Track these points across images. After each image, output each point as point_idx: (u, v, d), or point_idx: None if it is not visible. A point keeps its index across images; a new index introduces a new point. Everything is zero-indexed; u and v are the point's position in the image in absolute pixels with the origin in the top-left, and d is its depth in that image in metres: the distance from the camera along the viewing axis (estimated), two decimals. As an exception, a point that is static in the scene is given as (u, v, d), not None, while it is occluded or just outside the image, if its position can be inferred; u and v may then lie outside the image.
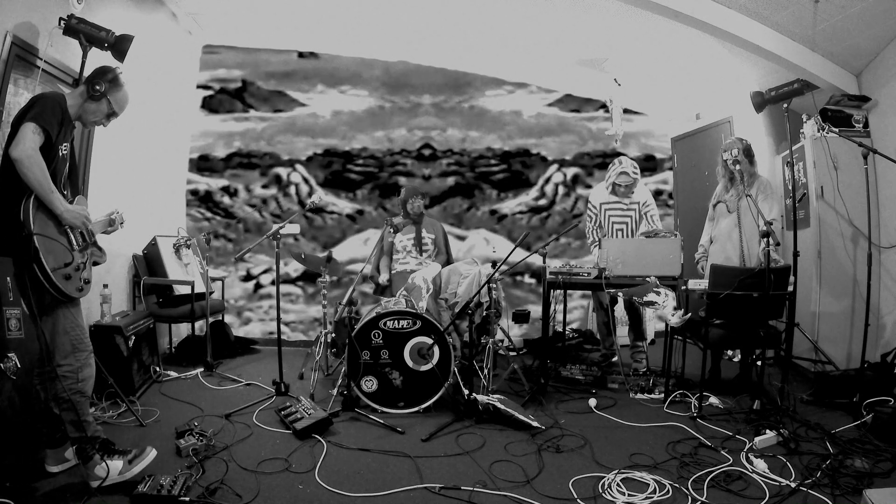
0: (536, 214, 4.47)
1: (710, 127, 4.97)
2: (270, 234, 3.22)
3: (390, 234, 3.96)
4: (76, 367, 2.05)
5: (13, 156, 1.86)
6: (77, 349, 2.07)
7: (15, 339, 2.31)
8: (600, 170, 4.40)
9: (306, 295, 4.76)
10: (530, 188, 4.44)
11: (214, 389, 3.41)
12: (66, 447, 2.17)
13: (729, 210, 3.45)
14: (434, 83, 4.80)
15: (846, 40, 3.52)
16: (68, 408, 2.01)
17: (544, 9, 3.94)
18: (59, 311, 2.02)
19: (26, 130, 1.90)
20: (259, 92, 4.26)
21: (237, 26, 4.66)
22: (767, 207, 3.27)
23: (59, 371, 2.00)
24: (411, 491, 2.08)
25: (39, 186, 1.91)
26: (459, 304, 3.37)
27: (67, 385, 2.01)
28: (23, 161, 1.86)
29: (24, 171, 1.87)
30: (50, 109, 1.99)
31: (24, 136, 1.89)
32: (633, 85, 4.91)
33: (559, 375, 3.62)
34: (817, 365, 3.55)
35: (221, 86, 4.21)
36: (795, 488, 2.04)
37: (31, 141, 1.89)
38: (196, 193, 4.18)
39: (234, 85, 4.20)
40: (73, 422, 2.02)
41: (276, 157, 4.29)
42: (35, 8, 2.73)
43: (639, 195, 3.90)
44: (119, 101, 2.24)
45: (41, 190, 1.91)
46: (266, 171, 4.28)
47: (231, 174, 4.24)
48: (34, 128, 1.91)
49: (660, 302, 3.09)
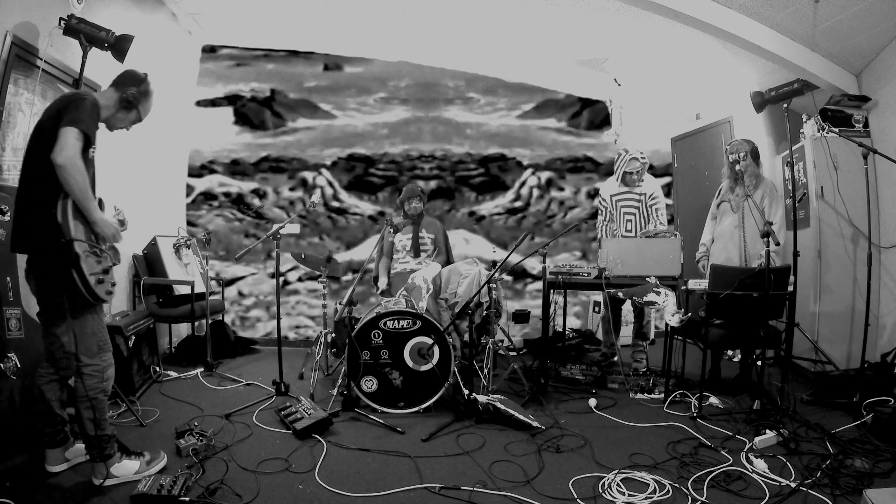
0: (513, 216, 4.70)
1: (710, 127, 4.97)
2: (270, 234, 3.21)
3: (390, 234, 3.96)
4: (102, 367, 2.07)
5: (58, 161, 1.84)
6: (102, 350, 2.08)
7: (15, 339, 2.31)
8: (571, 173, 4.65)
9: (331, 291, 4.86)
10: (507, 191, 4.68)
11: (214, 389, 3.41)
12: (66, 447, 2.17)
13: (733, 210, 3.46)
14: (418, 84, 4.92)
15: (846, 40, 3.52)
16: (90, 407, 2.01)
17: (544, 9, 3.94)
18: (88, 314, 2.04)
19: (69, 136, 1.87)
20: (287, 101, 4.51)
21: (237, 26, 4.66)
22: (772, 211, 3.28)
23: (85, 371, 2.01)
24: (411, 491, 2.08)
25: (81, 193, 1.90)
26: (459, 304, 3.37)
27: (93, 384, 2.02)
28: (67, 168, 1.84)
29: (66, 178, 1.85)
30: (90, 114, 1.97)
31: (67, 141, 1.86)
32: (633, 85, 4.92)
33: (559, 375, 3.62)
34: (817, 365, 3.55)
35: (252, 94, 4.44)
36: (795, 488, 2.04)
37: (75, 147, 1.87)
38: (228, 195, 4.41)
39: (262, 94, 4.47)
40: (92, 420, 2.02)
41: (303, 162, 4.53)
42: (35, 8, 2.73)
43: (647, 186, 3.87)
44: (146, 110, 2.27)
45: (82, 197, 1.90)
46: (293, 175, 4.52)
47: (261, 177, 4.49)
48: (77, 133, 1.89)
49: (660, 302, 3.09)
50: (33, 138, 2.00)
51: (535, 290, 5.00)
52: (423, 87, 4.82)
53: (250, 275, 4.75)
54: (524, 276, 4.94)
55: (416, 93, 4.81)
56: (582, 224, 3.74)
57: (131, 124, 2.26)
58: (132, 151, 3.78)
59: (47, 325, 2.06)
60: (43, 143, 1.92)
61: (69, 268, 1.90)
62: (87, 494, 1.97)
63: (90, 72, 2.92)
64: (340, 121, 4.64)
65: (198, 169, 4.48)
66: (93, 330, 2.05)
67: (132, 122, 2.25)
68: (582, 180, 4.61)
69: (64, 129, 1.88)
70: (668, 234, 3.63)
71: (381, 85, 4.79)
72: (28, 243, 1.98)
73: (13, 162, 2.75)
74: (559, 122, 4.76)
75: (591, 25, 4.15)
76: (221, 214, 4.45)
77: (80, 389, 2.01)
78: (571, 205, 4.62)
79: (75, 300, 1.96)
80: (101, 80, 3.20)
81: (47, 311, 2.04)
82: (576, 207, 4.63)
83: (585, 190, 4.62)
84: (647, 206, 3.86)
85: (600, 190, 4.06)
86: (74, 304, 1.97)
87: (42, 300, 2.04)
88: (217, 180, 4.47)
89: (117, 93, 2.17)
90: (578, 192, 4.61)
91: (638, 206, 3.87)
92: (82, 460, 2.17)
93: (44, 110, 2.05)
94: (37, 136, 1.98)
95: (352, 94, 4.70)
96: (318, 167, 4.63)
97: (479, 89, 4.87)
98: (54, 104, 2.01)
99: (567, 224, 4.66)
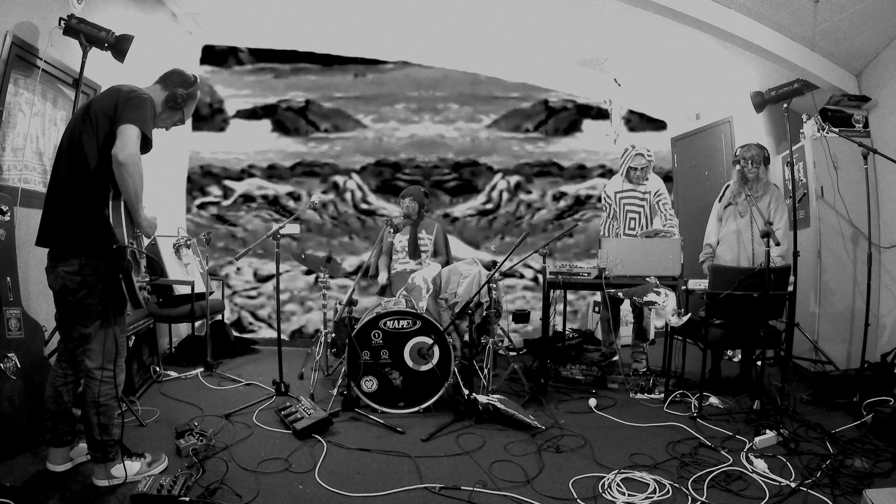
0: (484, 217, 4.97)
1: (710, 127, 4.97)
2: (270, 234, 3.21)
3: (390, 234, 3.96)
4: (115, 373, 2.06)
5: (119, 159, 1.79)
6: (119, 355, 2.07)
7: (15, 339, 2.31)
8: (538, 177, 4.94)
9: (360, 288, 4.94)
10: (478, 194, 4.96)
11: (214, 389, 3.41)
12: (71, 447, 2.16)
13: (740, 215, 3.43)
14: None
15: (846, 40, 3.53)
16: (99, 412, 1.99)
17: (544, 9, 3.95)
18: (120, 320, 2.04)
19: (132, 134, 1.83)
20: (321, 110, 4.81)
21: (237, 26, 4.67)
22: (778, 218, 3.29)
23: (98, 376, 1.99)
24: (411, 491, 2.08)
25: (136, 195, 1.87)
26: (459, 304, 3.37)
27: (105, 391, 2.00)
28: (128, 166, 1.81)
29: (125, 176, 1.81)
30: (149, 114, 1.94)
31: (130, 139, 1.82)
32: (633, 85, 4.92)
33: (559, 375, 3.62)
34: (817, 365, 3.55)
35: (287, 105, 4.77)
36: (795, 488, 2.04)
37: (136, 146, 1.84)
38: (266, 198, 4.71)
39: (298, 104, 4.78)
40: (102, 425, 2.01)
41: (335, 167, 4.81)
42: (35, 8, 2.73)
43: (651, 184, 3.85)
44: (189, 113, 2.23)
45: (136, 198, 1.87)
46: (326, 179, 4.81)
47: (295, 181, 4.77)
48: (139, 133, 1.85)
49: (660, 302, 3.09)
50: (77, 132, 1.92)
51: (521, 286, 5.03)
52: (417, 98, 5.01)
53: (285, 272, 4.88)
54: (510, 276, 5.00)
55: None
56: (577, 224, 3.75)
57: (173, 125, 2.23)
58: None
59: (74, 326, 2.00)
60: (96, 139, 1.86)
61: (118, 273, 1.88)
62: (88, 494, 1.97)
63: (90, 72, 2.92)
64: (371, 129, 4.93)
65: (238, 173, 4.73)
66: (116, 334, 2.04)
67: (174, 123, 2.21)
68: (548, 184, 4.85)
69: (126, 126, 1.83)
70: (667, 234, 3.64)
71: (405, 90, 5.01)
72: (79, 246, 1.91)
73: (13, 162, 2.75)
74: (524, 132, 5.04)
75: (591, 25, 4.15)
76: (259, 215, 4.71)
77: (91, 395, 1.99)
78: (538, 206, 4.84)
79: (115, 305, 1.96)
80: (101, 80, 3.20)
81: (79, 311, 1.97)
82: (542, 209, 4.85)
83: (551, 193, 4.86)
84: (652, 204, 3.85)
85: (606, 188, 4.03)
86: (113, 309, 1.97)
87: (75, 300, 1.95)
88: (255, 183, 4.74)
89: (165, 91, 2.13)
90: (545, 195, 4.84)
91: (642, 205, 3.85)
92: (84, 460, 2.17)
93: (92, 101, 1.98)
94: (84, 129, 1.91)
95: (383, 103, 4.95)
96: (349, 171, 4.89)
97: (452, 98, 5.05)
98: (107, 98, 1.94)
99: (535, 224, 4.90)
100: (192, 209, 4.65)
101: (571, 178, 4.80)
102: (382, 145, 4.91)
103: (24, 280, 2.57)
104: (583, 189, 4.88)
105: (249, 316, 4.85)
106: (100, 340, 2.01)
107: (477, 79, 5.02)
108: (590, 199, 4.91)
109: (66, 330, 2.05)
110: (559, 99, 5.03)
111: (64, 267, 1.94)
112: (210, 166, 4.72)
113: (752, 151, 3.37)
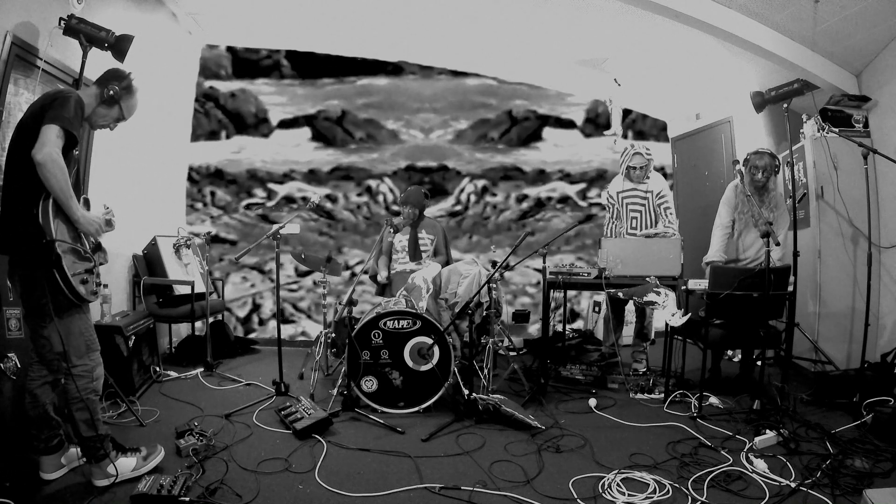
0: (454, 218, 5.27)
1: (710, 127, 4.97)
2: (270, 234, 3.22)
3: (390, 234, 3.96)
4: (91, 367, 2.06)
5: (37, 159, 1.81)
6: (91, 349, 2.08)
7: (15, 339, 2.31)
8: (503, 181, 5.24)
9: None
10: (448, 196, 5.26)
11: (214, 389, 3.41)
12: (62, 452, 2.15)
13: (755, 226, 3.30)
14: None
15: (846, 40, 3.53)
16: (83, 407, 2.01)
17: (544, 9, 3.94)
18: (74, 314, 2.02)
19: (50, 133, 1.85)
20: (356, 119, 5.12)
21: (237, 27, 4.67)
22: (780, 224, 3.29)
23: (74, 371, 2.00)
24: (411, 491, 2.08)
25: (61, 192, 1.87)
26: (459, 304, 3.37)
27: (83, 385, 2.01)
28: (47, 165, 1.82)
29: (46, 176, 1.83)
30: (73, 111, 1.94)
31: (48, 138, 1.84)
32: (633, 85, 4.92)
33: (559, 375, 3.62)
34: (817, 365, 3.55)
35: (325, 115, 5.08)
36: (795, 488, 2.04)
37: (56, 144, 1.84)
38: (305, 200, 4.95)
39: (334, 114, 5.11)
40: (86, 421, 2.02)
41: (368, 172, 5.12)
42: (35, 8, 2.73)
43: (653, 184, 3.82)
44: (130, 108, 2.22)
45: (62, 195, 1.88)
46: (360, 182, 5.12)
47: (333, 184, 5.09)
48: (58, 131, 1.86)
49: (660, 302, 3.09)
50: (16, 136, 1.97)
51: (511, 286, 5.15)
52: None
53: None
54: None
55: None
56: (578, 224, 3.73)
57: (115, 122, 2.22)
58: (132, 151, 3.78)
59: (34, 327, 2.03)
60: (25, 140, 1.89)
61: (51, 268, 1.88)
62: (87, 494, 1.97)
63: (90, 72, 2.91)
64: (403, 137, 5.23)
65: (280, 177, 5.05)
66: (80, 330, 2.03)
67: (115, 119, 2.20)
68: (512, 187, 5.17)
69: (46, 126, 1.85)
70: (667, 234, 3.63)
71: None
72: (9, 244, 1.94)
73: (13, 162, 2.75)
74: (490, 140, 5.32)
75: (591, 25, 4.15)
76: (299, 216, 5.02)
77: (73, 391, 2.00)
78: (503, 208, 5.14)
79: (59, 300, 1.94)
80: (101, 80, 3.20)
81: (33, 312, 2.00)
82: (506, 210, 5.15)
83: (514, 195, 5.18)
84: (654, 204, 3.82)
85: (608, 188, 4.01)
86: (59, 305, 1.95)
87: (27, 302, 2.00)
88: (296, 186, 5.07)
89: (99, 89, 2.14)
90: (509, 198, 5.15)
91: (644, 204, 3.83)
92: (78, 464, 2.17)
93: (28, 107, 2.01)
94: (19, 133, 1.95)
95: (410, 112, 5.21)
96: (381, 176, 5.18)
97: (429, 108, 5.24)
98: (38, 101, 1.98)
99: (500, 224, 5.19)
100: (240, 209, 4.97)
101: (535, 181, 5.16)
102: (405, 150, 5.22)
103: (9, 283, 2.56)
104: (543, 192, 5.23)
105: (290, 307, 5.10)
106: (64, 336, 1.99)
107: (461, 86, 5.17)
108: (550, 200, 5.22)
109: (32, 331, 2.06)
110: (524, 109, 5.28)
111: (17, 270, 1.97)
112: (256, 171, 5.03)
113: (765, 160, 3.21)
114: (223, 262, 4.91)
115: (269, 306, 5.02)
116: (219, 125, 4.96)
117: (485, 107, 5.14)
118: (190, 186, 4.91)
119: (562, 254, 5.14)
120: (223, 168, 4.97)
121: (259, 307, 5.03)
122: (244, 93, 4.97)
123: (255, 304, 5.04)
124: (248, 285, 5.01)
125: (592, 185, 5.24)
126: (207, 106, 4.91)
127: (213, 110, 4.93)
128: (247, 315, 5.03)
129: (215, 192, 4.96)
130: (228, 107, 4.96)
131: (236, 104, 4.97)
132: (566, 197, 5.21)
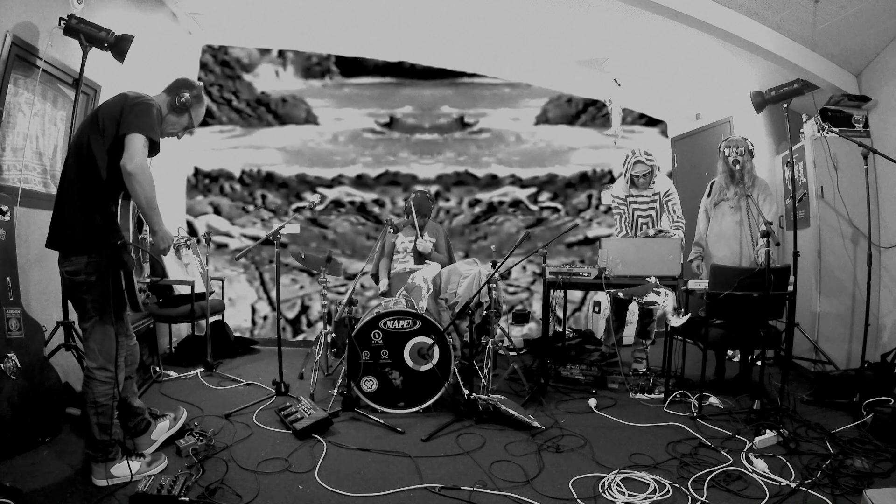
0: None
1: (710, 127, 4.97)
2: (270, 234, 3.22)
3: (391, 235, 3.96)
4: (114, 375, 2.08)
5: (128, 169, 1.85)
6: (120, 356, 2.09)
7: (15, 339, 2.31)
8: (455, 186, 5.35)
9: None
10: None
11: (214, 389, 3.41)
12: (150, 431, 2.27)
13: (732, 209, 3.46)
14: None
15: (846, 40, 3.52)
16: (97, 412, 2.02)
17: (544, 9, 3.94)
18: (118, 318, 2.05)
19: (139, 143, 1.88)
20: (403, 125, 5.27)
21: (237, 27, 4.67)
22: (767, 209, 3.29)
23: (98, 376, 2.02)
24: (411, 491, 2.08)
25: (147, 202, 1.91)
26: (459, 304, 3.37)
27: (105, 391, 2.03)
28: (137, 176, 1.86)
29: (134, 186, 1.86)
30: (155, 120, 1.97)
31: (136, 149, 1.87)
32: (633, 85, 4.91)
33: (559, 375, 3.62)
34: (817, 365, 3.55)
35: (375, 119, 5.21)
36: (795, 488, 2.04)
37: (144, 155, 1.89)
38: (353, 204, 5.20)
39: (383, 120, 5.24)
40: (102, 425, 2.03)
41: (414, 177, 5.24)
42: (35, 8, 2.73)
43: (659, 185, 3.80)
44: (198, 117, 2.27)
45: (147, 205, 1.91)
46: (406, 188, 5.22)
47: (380, 189, 5.23)
48: (145, 140, 1.90)
49: (660, 302, 3.09)
50: (85, 135, 1.97)
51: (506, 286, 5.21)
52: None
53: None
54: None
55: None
56: (576, 225, 3.75)
57: (183, 130, 2.26)
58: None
59: (97, 324, 2.04)
60: (103, 142, 1.91)
61: (119, 270, 1.90)
62: (87, 494, 1.97)
63: (90, 72, 2.92)
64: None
65: (329, 181, 5.16)
66: (116, 335, 2.06)
67: (184, 127, 2.25)
68: (464, 192, 5.30)
69: (133, 135, 1.88)
70: (667, 234, 3.63)
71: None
72: (81, 242, 1.95)
73: (13, 162, 2.75)
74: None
75: (591, 25, 4.15)
76: (347, 219, 5.17)
77: (91, 394, 2.02)
78: (456, 213, 5.29)
79: (115, 304, 1.97)
80: (101, 80, 3.20)
81: (78, 308, 2.03)
82: (459, 214, 5.29)
83: (467, 200, 5.31)
84: (661, 204, 3.81)
85: (612, 191, 3.98)
86: (112, 308, 1.98)
87: (76, 299, 2.01)
88: (345, 191, 5.21)
89: (170, 97, 2.17)
90: (462, 202, 5.29)
91: (654, 206, 3.82)
92: (167, 436, 2.31)
93: (100, 106, 2.04)
94: (92, 132, 1.95)
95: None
96: (427, 182, 5.33)
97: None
98: (115, 104, 1.99)
99: (453, 228, 5.26)
100: (289, 212, 5.06)
101: (486, 185, 5.29)
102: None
103: (24, 280, 2.57)
104: (495, 196, 5.35)
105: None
106: (97, 339, 2.02)
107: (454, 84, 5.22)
108: (502, 205, 5.33)
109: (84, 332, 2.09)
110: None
111: (67, 266, 1.98)
112: (305, 175, 5.12)
113: (738, 143, 3.40)
114: (271, 263, 4.90)
115: (316, 308, 5.06)
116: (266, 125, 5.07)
117: (444, 116, 5.26)
118: (241, 189, 5.03)
119: (514, 256, 5.14)
120: (273, 171, 5.08)
121: (307, 309, 5.09)
122: (294, 98, 5.08)
123: (304, 305, 5.07)
124: (298, 287, 5.06)
125: (543, 190, 5.33)
126: (259, 111, 5.04)
127: (264, 115, 5.05)
128: (295, 316, 5.07)
129: (266, 195, 5.06)
130: (279, 112, 5.07)
131: (287, 109, 5.08)
132: (518, 201, 5.31)
